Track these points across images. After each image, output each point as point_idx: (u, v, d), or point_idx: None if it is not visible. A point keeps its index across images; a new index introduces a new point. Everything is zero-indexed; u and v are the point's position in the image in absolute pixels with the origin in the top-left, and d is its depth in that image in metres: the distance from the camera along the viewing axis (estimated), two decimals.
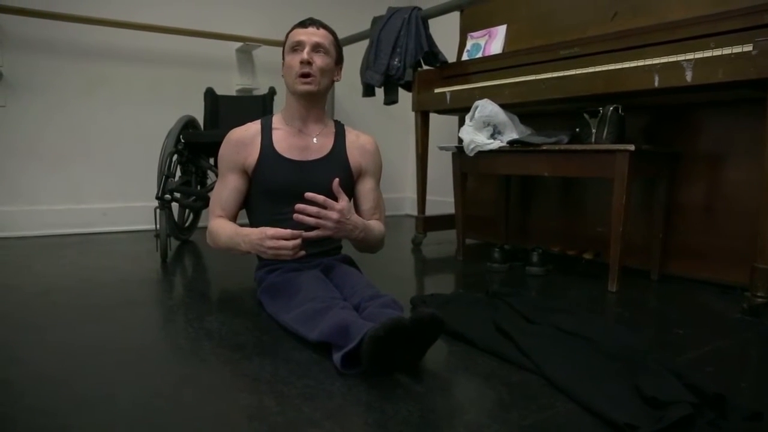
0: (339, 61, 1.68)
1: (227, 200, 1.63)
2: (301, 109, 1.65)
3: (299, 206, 1.41)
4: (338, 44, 1.68)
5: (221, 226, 1.58)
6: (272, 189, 1.60)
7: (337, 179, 1.46)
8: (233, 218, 1.64)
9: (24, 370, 1.15)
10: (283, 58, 1.65)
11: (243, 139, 1.63)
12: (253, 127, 1.66)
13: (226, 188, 1.63)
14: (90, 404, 0.99)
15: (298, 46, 1.59)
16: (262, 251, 1.44)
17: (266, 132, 1.64)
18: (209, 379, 1.13)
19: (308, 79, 1.58)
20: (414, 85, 2.71)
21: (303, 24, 1.62)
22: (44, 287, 1.85)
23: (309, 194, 1.41)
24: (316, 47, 1.59)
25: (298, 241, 1.42)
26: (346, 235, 1.50)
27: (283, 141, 1.63)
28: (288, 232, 1.42)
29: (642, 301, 1.85)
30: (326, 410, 0.97)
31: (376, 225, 1.63)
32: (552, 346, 1.23)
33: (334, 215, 1.42)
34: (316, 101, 1.66)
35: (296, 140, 1.64)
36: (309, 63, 1.57)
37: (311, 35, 1.59)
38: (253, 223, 1.68)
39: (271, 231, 1.42)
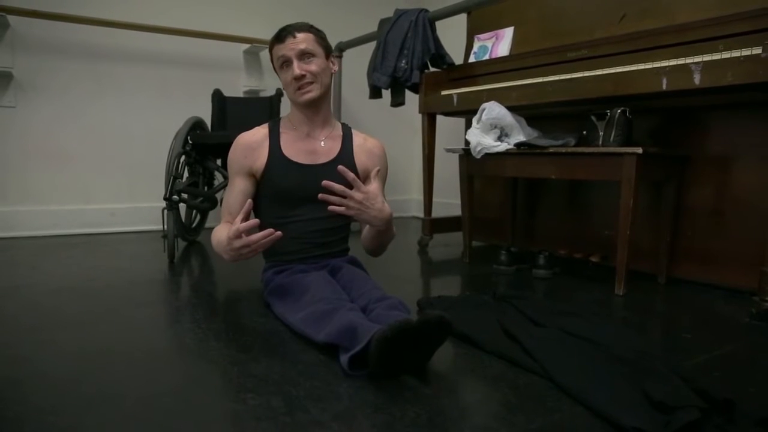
0: (329, 54, 1.67)
1: (233, 204, 1.62)
2: (308, 117, 1.66)
3: (326, 183, 1.39)
4: (322, 37, 1.65)
5: (218, 234, 1.56)
6: (280, 193, 1.61)
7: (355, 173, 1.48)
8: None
9: (32, 369, 1.15)
10: (276, 71, 1.66)
11: (251, 144, 1.64)
12: (261, 131, 1.67)
13: (233, 192, 1.64)
14: (98, 404, 0.99)
15: (285, 62, 1.60)
16: (236, 255, 1.42)
17: (274, 136, 1.65)
18: (217, 379, 1.13)
19: (308, 88, 1.60)
20: (421, 87, 2.71)
21: (280, 38, 1.60)
22: (52, 287, 1.86)
23: (341, 167, 1.42)
24: (302, 55, 1.58)
25: (264, 233, 1.37)
26: (369, 220, 1.49)
27: (291, 145, 1.64)
28: (241, 226, 1.37)
29: (649, 304, 1.84)
30: (334, 412, 0.97)
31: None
32: (559, 350, 1.23)
33: (359, 196, 1.43)
34: (320, 105, 1.67)
35: (304, 144, 1.65)
36: (303, 76, 1.58)
37: (293, 47, 1.58)
38: (263, 225, 1.68)
39: (230, 233, 1.39)
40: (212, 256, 2.50)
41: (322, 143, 1.67)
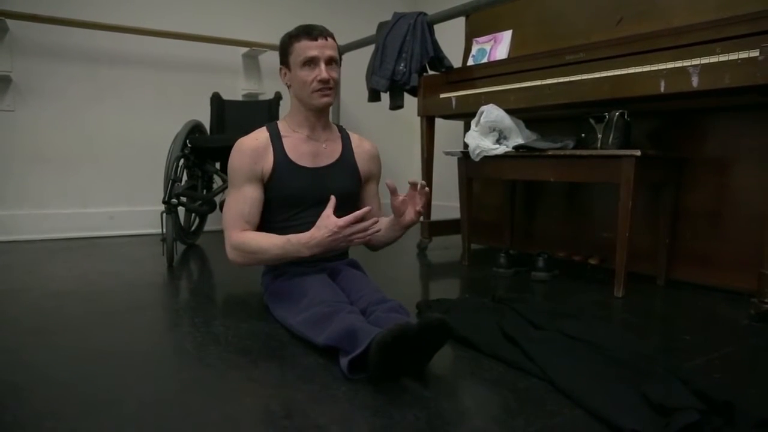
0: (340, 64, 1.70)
1: (250, 212, 1.57)
2: (312, 119, 1.65)
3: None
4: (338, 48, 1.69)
5: (263, 241, 1.53)
6: (288, 197, 1.59)
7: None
8: (257, 229, 1.60)
9: (31, 374, 1.15)
10: (287, 66, 1.62)
11: (257, 149, 1.59)
12: (263, 136, 1.63)
13: (247, 200, 1.57)
14: (97, 408, 0.99)
15: (311, 62, 1.56)
16: (336, 245, 1.46)
17: (276, 140, 1.63)
18: (216, 383, 1.13)
19: (329, 93, 1.59)
20: (419, 90, 2.71)
21: (311, 35, 1.56)
22: (51, 291, 1.86)
23: (389, 181, 1.50)
24: (330, 60, 1.58)
25: (374, 220, 1.44)
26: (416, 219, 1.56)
27: (295, 149, 1.63)
28: (357, 213, 1.43)
29: (648, 306, 1.84)
30: (333, 415, 0.97)
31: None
32: (558, 352, 1.23)
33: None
34: (327, 110, 1.68)
35: (307, 147, 1.64)
36: (328, 80, 1.57)
37: (324, 49, 1.56)
38: (266, 229, 1.67)
39: (341, 221, 1.42)
40: (211, 260, 2.50)
41: (324, 145, 1.67)
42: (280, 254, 1.51)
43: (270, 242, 1.52)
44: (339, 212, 1.45)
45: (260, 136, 1.63)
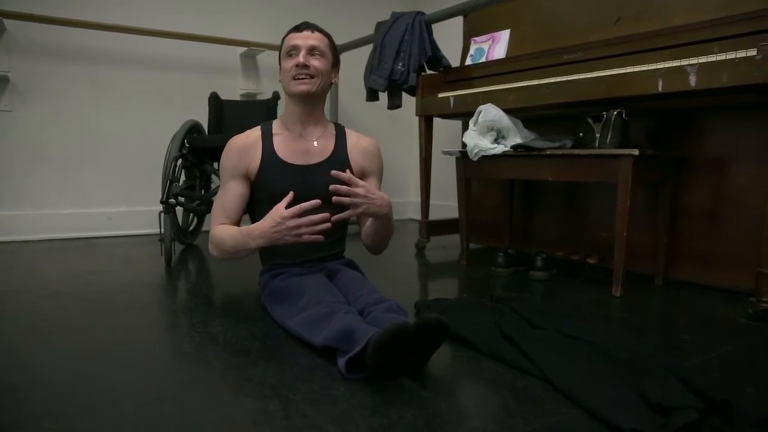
0: (336, 63, 1.69)
1: (230, 207, 1.61)
2: (301, 113, 1.65)
3: (333, 187, 1.41)
4: (334, 47, 1.69)
5: (225, 231, 1.56)
6: (275, 194, 1.59)
7: (347, 170, 1.49)
8: (237, 224, 1.63)
9: (29, 374, 1.15)
10: (280, 64, 1.66)
11: (244, 146, 1.63)
12: (254, 134, 1.66)
13: (229, 195, 1.62)
14: (94, 409, 0.99)
15: (293, 50, 1.60)
16: (280, 237, 1.42)
17: (267, 138, 1.65)
18: (214, 383, 1.13)
19: (305, 79, 1.59)
20: (418, 90, 2.71)
21: (298, 28, 1.63)
22: (49, 291, 1.85)
23: (334, 172, 1.43)
24: (312, 50, 1.60)
25: (325, 215, 1.40)
26: (376, 210, 1.48)
27: (285, 146, 1.64)
28: (304, 204, 1.39)
29: (647, 306, 1.84)
30: (331, 415, 0.97)
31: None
32: (557, 352, 1.23)
33: (361, 190, 1.43)
34: (314, 104, 1.66)
35: (297, 145, 1.65)
36: (306, 66, 1.58)
37: (306, 39, 1.60)
38: None
39: (286, 212, 1.40)
40: (209, 260, 2.49)
41: (315, 143, 1.67)
42: (234, 245, 1.53)
43: (228, 233, 1.55)
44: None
45: (251, 134, 1.67)
